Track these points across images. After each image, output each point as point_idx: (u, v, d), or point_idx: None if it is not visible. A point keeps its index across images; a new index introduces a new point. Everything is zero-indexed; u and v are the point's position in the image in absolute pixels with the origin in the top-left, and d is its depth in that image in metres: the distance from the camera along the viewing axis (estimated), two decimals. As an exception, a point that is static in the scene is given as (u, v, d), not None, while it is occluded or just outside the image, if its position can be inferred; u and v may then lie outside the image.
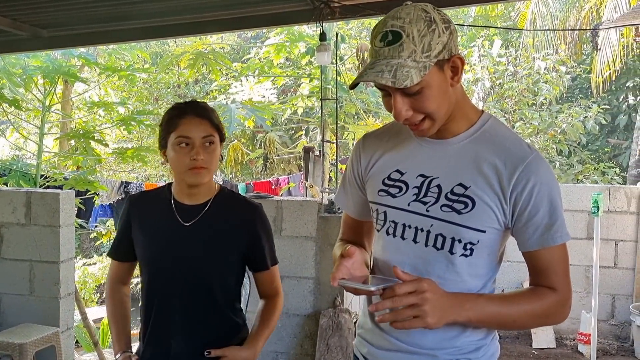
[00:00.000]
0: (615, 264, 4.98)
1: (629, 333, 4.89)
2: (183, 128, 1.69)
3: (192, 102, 1.79)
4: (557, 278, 1.34)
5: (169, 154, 1.74)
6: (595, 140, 11.51)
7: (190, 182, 1.74)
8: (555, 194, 1.31)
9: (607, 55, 8.78)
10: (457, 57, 1.27)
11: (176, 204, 1.80)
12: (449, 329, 1.34)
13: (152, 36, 4.91)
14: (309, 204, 3.76)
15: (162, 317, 1.78)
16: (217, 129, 1.74)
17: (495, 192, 1.30)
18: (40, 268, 3.78)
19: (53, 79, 5.49)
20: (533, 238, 1.30)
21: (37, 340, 3.46)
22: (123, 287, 1.94)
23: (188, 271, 1.75)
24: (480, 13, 11.67)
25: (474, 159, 1.33)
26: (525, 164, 1.29)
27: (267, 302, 1.92)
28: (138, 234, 1.81)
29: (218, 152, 1.76)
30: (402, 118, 1.27)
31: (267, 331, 1.85)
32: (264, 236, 1.83)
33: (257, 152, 11.02)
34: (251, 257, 1.83)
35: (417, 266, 1.35)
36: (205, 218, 1.78)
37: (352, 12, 3.84)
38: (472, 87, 9.55)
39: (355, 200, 1.54)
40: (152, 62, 12.64)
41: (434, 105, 1.26)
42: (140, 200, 1.88)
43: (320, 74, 5.30)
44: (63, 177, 5.79)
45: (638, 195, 4.92)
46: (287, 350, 3.79)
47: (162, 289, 1.78)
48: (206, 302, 1.77)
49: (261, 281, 1.90)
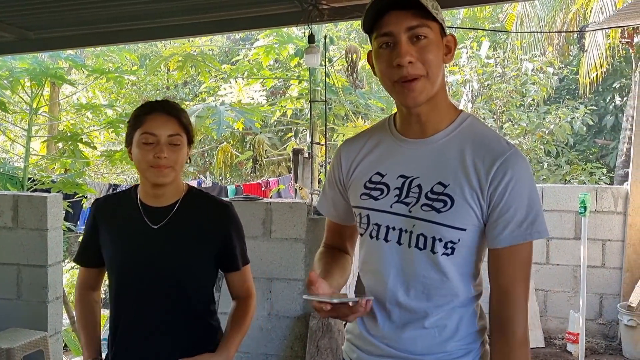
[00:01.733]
0: (602, 263, 5.02)
1: (616, 332, 4.93)
2: (149, 125, 1.65)
3: (162, 100, 1.75)
4: (518, 289, 1.31)
5: (133, 152, 1.70)
6: (582, 141, 11.59)
7: (153, 181, 1.69)
8: (531, 191, 1.30)
9: (594, 56, 8.85)
10: (452, 35, 1.33)
11: (143, 206, 1.75)
12: (438, 334, 1.35)
13: (141, 38, 4.90)
14: (298, 206, 3.76)
15: (132, 323, 1.73)
16: (185, 129, 1.70)
17: (474, 189, 1.29)
18: (28, 272, 3.75)
19: (40, 81, 5.47)
20: (503, 234, 1.29)
21: (25, 345, 3.43)
22: (92, 292, 1.89)
23: (158, 275, 1.70)
24: (467, 15, 11.71)
25: (453, 157, 1.33)
26: (504, 158, 1.29)
27: (239, 304, 1.86)
28: (105, 239, 1.77)
29: (184, 153, 1.71)
30: (405, 61, 1.26)
31: (240, 335, 1.80)
32: (235, 236, 1.79)
33: (246, 154, 11.00)
34: (223, 257, 1.79)
35: (402, 268, 1.35)
36: (174, 219, 1.73)
37: (341, 15, 3.84)
38: (461, 88, 9.59)
39: (337, 206, 1.54)
40: (141, 64, 12.58)
41: (435, 60, 1.29)
42: (106, 204, 1.83)
43: (309, 76, 5.30)
44: (51, 180, 5.75)
45: (625, 196, 4.97)
46: (277, 352, 3.78)
47: (131, 294, 1.73)
48: (179, 306, 1.72)
49: (233, 282, 1.85)
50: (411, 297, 1.35)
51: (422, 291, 1.34)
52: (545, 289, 5.09)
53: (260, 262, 3.72)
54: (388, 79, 1.31)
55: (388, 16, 1.27)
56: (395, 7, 1.26)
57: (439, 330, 1.34)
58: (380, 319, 1.39)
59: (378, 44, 1.31)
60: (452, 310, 1.35)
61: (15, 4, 3.74)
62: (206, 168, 13.66)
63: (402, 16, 1.26)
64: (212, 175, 12.69)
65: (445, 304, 1.35)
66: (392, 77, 1.29)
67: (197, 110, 7.03)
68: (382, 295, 1.38)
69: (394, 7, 1.26)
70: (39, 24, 4.22)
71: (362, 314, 1.27)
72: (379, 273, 1.38)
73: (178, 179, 1.76)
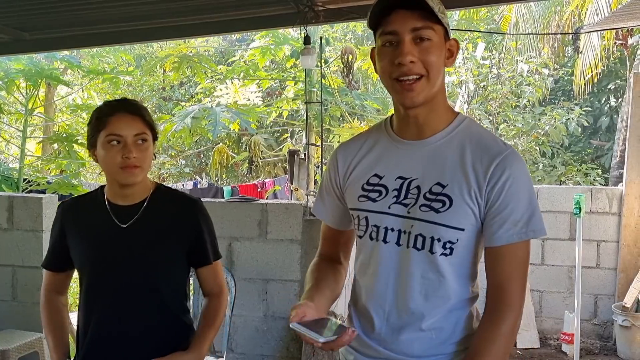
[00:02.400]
0: (597, 264, 5.03)
1: (611, 332, 4.94)
2: (114, 126, 1.63)
3: (123, 99, 1.73)
4: (513, 287, 1.32)
5: (99, 154, 1.68)
6: (578, 142, 11.62)
7: (123, 182, 1.68)
8: (528, 191, 1.31)
9: (589, 57, 8.88)
10: (455, 40, 1.34)
11: (111, 205, 1.74)
12: (436, 336, 1.35)
13: (137, 40, 4.89)
14: (294, 207, 3.76)
15: (104, 323, 1.72)
16: (149, 127, 1.69)
17: (473, 189, 1.30)
18: (23, 273, 3.74)
19: (35, 82, 5.45)
20: (499, 232, 1.30)
21: (20, 346, 3.43)
22: (59, 296, 1.88)
23: (129, 274, 1.70)
24: (463, 17, 11.74)
25: (451, 158, 1.34)
26: (502, 157, 1.30)
27: (211, 301, 1.85)
28: (73, 241, 1.76)
29: (151, 151, 1.71)
30: (407, 60, 1.27)
31: (212, 332, 1.80)
32: (205, 230, 1.79)
33: (242, 155, 10.97)
34: (194, 252, 1.78)
35: (400, 269, 1.35)
36: (142, 217, 1.72)
37: (336, 16, 3.85)
38: (457, 89, 9.61)
39: (333, 210, 1.53)
40: (137, 64, 12.56)
41: (436, 63, 1.30)
42: (72, 207, 1.82)
43: (305, 77, 5.30)
44: (46, 181, 5.74)
45: (619, 197, 4.99)
46: (274, 353, 3.78)
47: (102, 294, 1.72)
48: (150, 305, 1.72)
49: (204, 277, 1.84)
50: (409, 299, 1.35)
51: (420, 292, 1.34)
52: (541, 289, 5.11)
53: (256, 263, 3.73)
54: (388, 76, 1.32)
55: (395, 14, 1.28)
56: (403, 6, 1.27)
57: (436, 333, 1.35)
58: (378, 321, 1.39)
59: (382, 42, 1.31)
60: (449, 312, 1.36)
61: (10, 5, 3.73)
62: (202, 169, 13.64)
63: (409, 16, 1.27)
64: (208, 176, 12.67)
65: (443, 305, 1.35)
66: (392, 75, 1.30)
67: (193, 111, 7.03)
68: (379, 296, 1.39)
69: (401, 6, 1.27)
70: (34, 25, 4.21)
71: (348, 343, 1.25)
72: (378, 274, 1.38)
73: (146, 177, 1.76)
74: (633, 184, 4.92)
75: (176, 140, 9.50)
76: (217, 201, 4.13)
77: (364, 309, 1.44)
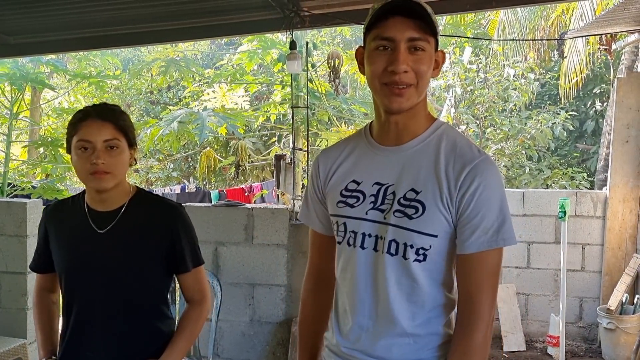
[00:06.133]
0: (582, 267, 5.07)
1: (596, 335, 4.98)
2: (84, 132, 1.64)
3: (98, 104, 1.72)
4: (483, 297, 1.32)
5: (72, 159, 1.68)
6: (564, 146, 11.72)
7: (92, 187, 1.68)
8: (499, 198, 1.31)
9: (575, 62, 8.96)
10: (442, 52, 1.35)
11: (90, 211, 1.74)
12: (413, 342, 1.35)
13: (123, 44, 4.88)
14: (280, 211, 3.77)
15: (80, 327, 1.72)
16: (123, 132, 1.68)
17: (445, 196, 1.30)
18: (7, 279, 3.70)
19: (20, 85, 5.42)
20: (470, 240, 1.30)
21: (3, 353, 3.40)
22: (51, 294, 1.89)
23: (106, 280, 1.70)
24: (450, 22, 11.81)
25: (425, 164, 1.34)
26: (473, 165, 1.30)
27: (190, 309, 1.83)
28: (54, 245, 1.76)
29: (125, 157, 1.69)
30: (401, 69, 1.28)
31: (188, 341, 1.78)
32: (184, 237, 1.76)
33: (229, 159, 10.96)
34: (172, 259, 1.76)
35: (375, 275, 1.36)
36: (120, 223, 1.72)
37: (322, 21, 3.88)
38: (444, 93, 9.66)
39: (319, 216, 1.54)
40: (124, 68, 12.51)
41: (426, 73, 1.31)
42: (55, 211, 1.82)
43: (292, 82, 5.31)
44: (31, 186, 5.70)
45: (604, 200, 5.03)
46: (260, 357, 3.78)
47: (80, 300, 1.73)
48: (128, 311, 1.71)
49: (184, 284, 1.83)
50: (386, 304, 1.35)
51: (396, 298, 1.34)
52: (526, 292, 5.13)
53: (242, 268, 3.72)
54: (378, 81, 1.32)
55: (393, 20, 1.28)
56: (402, 13, 1.27)
57: (414, 338, 1.35)
58: (356, 327, 1.40)
59: (375, 45, 1.31)
60: (427, 318, 1.36)
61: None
62: (190, 173, 13.60)
63: (406, 25, 1.27)
64: (196, 180, 12.63)
65: (419, 311, 1.35)
66: (382, 80, 1.30)
67: (180, 115, 7.02)
68: (358, 302, 1.39)
69: (400, 13, 1.27)
70: (19, 29, 4.19)
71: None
72: (356, 280, 1.39)
73: (124, 182, 1.75)
74: (617, 187, 4.96)
75: (163, 144, 9.47)
76: (203, 206, 4.13)
77: (343, 314, 1.44)
